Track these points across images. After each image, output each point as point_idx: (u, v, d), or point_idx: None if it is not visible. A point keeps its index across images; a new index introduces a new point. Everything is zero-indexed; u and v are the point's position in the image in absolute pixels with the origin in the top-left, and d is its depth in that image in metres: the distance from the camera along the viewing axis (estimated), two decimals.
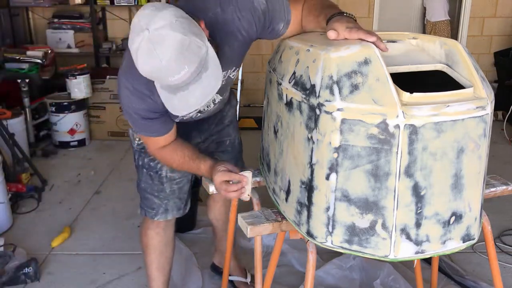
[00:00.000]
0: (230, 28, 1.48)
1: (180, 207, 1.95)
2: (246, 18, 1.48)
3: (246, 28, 1.50)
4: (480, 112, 1.23)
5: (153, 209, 1.91)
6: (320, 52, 1.28)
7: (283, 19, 1.52)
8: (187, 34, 1.24)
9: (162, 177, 1.86)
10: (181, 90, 1.31)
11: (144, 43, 1.23)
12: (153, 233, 1.95)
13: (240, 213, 1.51)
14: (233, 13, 1.47)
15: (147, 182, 1.89)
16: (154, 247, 1.97)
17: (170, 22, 1.23)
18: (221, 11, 1.47)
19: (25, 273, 2.36)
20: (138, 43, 1.24)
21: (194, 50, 1.25)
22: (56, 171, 3.70)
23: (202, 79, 1.30)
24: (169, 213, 1.92)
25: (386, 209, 1.22)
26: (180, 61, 1.24)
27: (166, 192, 1.89)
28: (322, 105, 1.22)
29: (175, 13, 1.27)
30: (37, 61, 3.93)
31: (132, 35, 1.28)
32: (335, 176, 1.23)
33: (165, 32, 1.22)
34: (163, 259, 2.00)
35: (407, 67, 1.33)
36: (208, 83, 1.32)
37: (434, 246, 1.26)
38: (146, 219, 1.96)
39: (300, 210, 1.35)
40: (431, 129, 1.18)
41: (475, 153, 1.25)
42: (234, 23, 1.48)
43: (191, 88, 1.30)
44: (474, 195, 1.29)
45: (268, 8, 1.49)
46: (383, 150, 1.19)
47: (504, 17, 5.01)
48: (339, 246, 1.28)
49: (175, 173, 1.87)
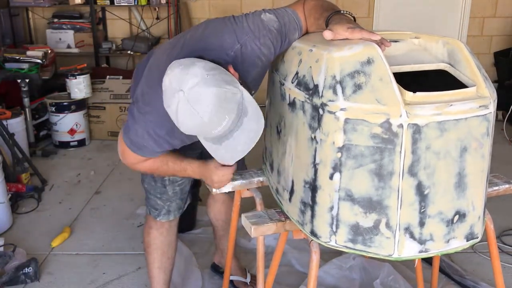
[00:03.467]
0: (250, 59, 1.46)
1: (181, 207, 1.96)
2: (266, 44, 1.46)
3: (265, 53, 1.48)
4: (483, 111, 1.23)
5: (156, 209, 1.92)
6: (322, 52, 1.28)
7: (296, 29, 1.51)
8: (221, 85, 1.24)
9: (164, 180, 1.85)
10: (226, 138, 1.31)
11: (182, 104, 1.23)
12: (156, 233, 1.95)
13: (243, 213, 1.51)
14: (251, 43, 1.45)
15: (150, 183, 1.88)
16: (156, 246, 1.97)
17: (202, 78, 1.23)
18: (240, 47, 1.44)
19: (25, 273, 2.35)
20: (176, 105, 1.25)
21: (230, 99, 1.25)
22: (56, 171, 3.69)
23: (244, 124, 1.30)
24: (171, 214, 1.93)
25: (390, 208, 1.22)
26: (220, 113, 1.24)
27: (168, 195, 1.88)
28: (325, 105, 1.22)
29: (204, 67, 1.26)
30: (37, 61, 3.92)
31: (166, 97, 1.28)
32: (338, 175, 1.23)
33: (200, 89, 1.22)
34: (165, 259, 1.99)
35: (410, 67, 1.33)
36: (251, 128, 1.31)
37: (438, 245, 1.26)
38: (149, 218, 1.96)
39: (303, 210, 1.35)
40: (434, 128, 1.18)
41: (478, 152, 1.25)
42: (254, 53, 1.46)
43: (236, 135, 1.30)
44: (477, 194, 1.29)
45: (281, 25, 1.48)
46: (386, 150, 1.19)
47: (504, 17, 5.01)
48: (343, 246, 1.28)
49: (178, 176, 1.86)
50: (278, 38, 1.48)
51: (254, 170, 1.77)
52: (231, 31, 1.45)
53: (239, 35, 1.45)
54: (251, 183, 1.71)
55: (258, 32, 1.45)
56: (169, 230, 1.96)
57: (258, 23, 1.46)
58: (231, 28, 1.46)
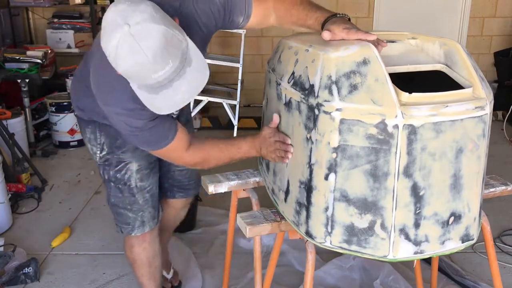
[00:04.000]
0: (188, 21, 1.41)
1: (154, 216, 1.85)
2: (205, 11, 1.44)
3: (204, 21, 1.45)
4: (479, 112, 1.23)
5: (128, 224, 1.81)
6: (319, 52, 1.28)
7: (243, 13, 1.48)
8: (169, 27, 1.19)
9: (132, 188, 1.75)
10: (164, 88, 1.24)
11: (125, 38, 1.16)
12: (139, 249, 1.87)
13: (239, 213, 1.51)
14: (191, 6, 1.42)
15: (117, 196, 1.77)
16: (142, 262, 1.90)
17: (152, 16, 1.18)
18: (179, 5, 1.41)
19: (25, 273, 2.35)
20: (117, 40, 1.16)
21: (176, 44, 1.20)
22: (56, 171, 3.70)
23: (187, 74, 1.24)
24: (146, 225, 1.82)
25: (385, 209, 1.22)
26: (165, 56, 1.18)
27: (139, 204, 1.78)
28: (321, 105, 1.22)
29: (153, 6, 1.21)
30: (37, 61, 3.92)
31: (106, 33, 1.19)
32: (334, 176, 1.23)
33: (148, 25, 1.16)
34: (152, 270, 1.94)
35: (406, 67, 1.33)
36: (194, 77, 1.26)
37: (433, 247, 1.26)
38: (126, 237, 1.87)
39: (299, 210, 1.35)
40: (430, 129, 1.18)
41: (474, 153, 1.25)
42: (193, 17, 1.43)
43: (176, 84, 1.24)
44: (473, 195, 1.29)
45: (226, 1, 1.45)
46: (382, 150, 1.19)
47: (504, 17, 5.00)
48: (338, 246, 1.28)
49: (145, 182, 1.76)
50: (221, 11, 1.45)
51: (250, 171, 1.77)
52: None
53: None
54: (247, 184, 1.71)
55: None
56: (151, 243, 1.88)
57: None
58: None
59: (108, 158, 1.72)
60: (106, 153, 1.72)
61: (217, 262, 2.52)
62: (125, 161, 1.72)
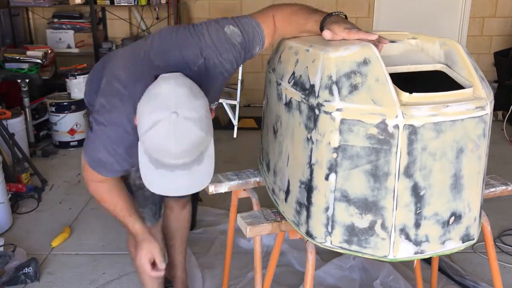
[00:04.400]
0: (213, 73, 1.45)
1: (155, 212, 1.87)
2: (228, 59, 1.45)
3: (228, 68, 1.47)
4: (480, 112, 1.22)
5: None
6: (319, 52, 1.28)
7: (259, 43, 1.50)
8: (207, 133, 1.23)
9: (130, 186, 1.76)
10: (165, 169, 1.25)
11: (166, 124, 1.19)
12: None
13: (239, 213, 1.51)
14: (214, 58, 1.43)
15: None
16: None
17: (200, 119, 1.21)
18: (204, 61, 1.43)
19: (25, 273, 2.35)
20: (158, 118, 1.19)
21: (201, 147, 1.24)
22: (56, 171, 3.70)
23: (192, 171, 1.26)
24: (146, 221, 1.79)
25: (386, 209, 1.22)
26: (187, 154, 1.22)
27: (138, 201, 1.78)
28: (322, 105, 1.22)
29: (206, 107, 1.24)
30: (37, 61, 3.92)
31: (152, 102, 1.22)
32: (334, 176, 1.23)
33: (193, 128, 1.20)
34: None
35: (406, 67, 1.33)
36: (195, 181, 1.28)
37: (433, 247, 1.26)
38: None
39: (299, 210, 1.35)
40: (431, 129, 1.18)
41: (474, 153, 1.25)
42: (217, 69, 1.45)
43: (177, 173, 1.25)
44: (473, 195, 1.29)
45: (244, 39, 1.46)
46: (382, 150, 1.18)
47: (504, 17, 5.01)
48: (338, 246, 1.28)
49: None
50: (242, 53, 1.47)
51: (250, 170, 1.77)
52: (193, 45, 1.43)
53: (202, 49, 1.42)
54: (247, 184, 1.71)
55: (221, 47, 1.44)
56: None
57: (221, 36, 1.44)
58: (192, 41, 1.43)
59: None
60: None
61: (217, 262, 2.52)
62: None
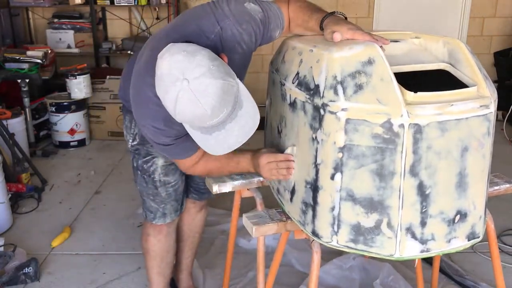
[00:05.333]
0: (230, 43, 1.43)
1: (177, 209, 1.90)
2: (247, 30, 1.44)
3: (246, 40, 1.45)
4: (484, 110, 1.23)
5: (151, 212, 1.87)
6: (323, 52, 1.28)
7: (279, 26, 1.50)
8: (224, 78, 1.21)
9: (155, 181, 1.80)
10: (217, 129, 1.27)
11: (184, 93, 1.19)
12: (154, 240, 1.91)
13: (243, 213, 1.51)
14: (232, 27, 1.42)
15: (142, 184, 1.83)
16: (155, 253, 1.93)
17: (209, 69, 1.19)
18: (221, 29, 1.41)
19: (25, 273, 2.35)
20: (176, 93, 1.19)
21: (230, 91, 1.23)
22: (56, 171, 3.69)
23: (238, 117, 1.27)
24: (167, 216, 1.87)
25: (391, 208, 1.22)
26: (221, 106, 1.21)
27: (162, 196, 1.82)
28: (326, 105, 1.22)
29: (209, 56, 1.22)
30: (37, 61, 3.92)
31: (164, 83, 1.22)
32: (340, 176, 1.23)
33: (207, 80, 1.19)
34: (163, 264, 1.97)
35: (411, 67, 1.33)
36: (245, 121, 1.28)
37: (439, 245, 1.27)
38: (146, 224, 1.92)
39: (305, 210, 1.35)
40: (436, 128, 1.18)
41: (479, 152, 1.25)
42: (235, 38, 1.43)
43: (228, 127, 1.27)
44: (478, 193, 1.29)
45: (265, 16, 1.46)
46: (387, 150, 1.19)
47: (504, 17, 5.01)
48: (344, 246, 1.28)
49: (170, 177, 1.80)
50: (261, 28, 1.46)
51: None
52: (210, 14, 1.42)
53: (219, 18, 1.42)
54: (251, 183, 1.71)
55: (240, 18, 1.43)
56: (167, 236, 1.93)
57: (240, 8, 1.44)
58: (210, 11, 1.43)
59: (138, 148, 1.77)
60: (137, 144, 1.76)
61: (217, 261, 2.52)
62: (152, 154, 1.76)
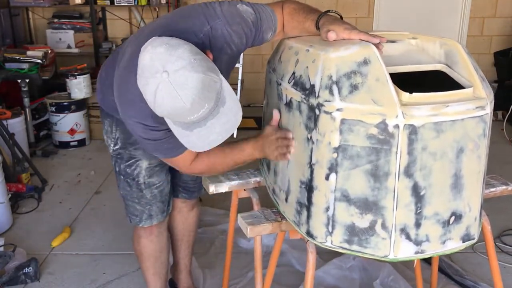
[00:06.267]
0: (219, 43, 1.42)
1: (163, 210, 1.87)
2: (237, 32, 1.43)
3: (236, 42, 1.45)
4: (480, 112, 1.23)
5: (136, 216, 1.84)
6: (319, 52, 1.28)
7: (271, 28, 1.49)
8: (206, 72, 1.20)
9: (140, 184, 1.78)
10: (198, 126, 1.26)
11: (164, 86, 1.17)
12: (146, 241, 1.90)
13: (239, 213, 1.51)
14: (222, 28, 1.41)
15: (126, 189, 1.81)
16: (148, 254, 1.93)
17: (190, 62, 1.18)
18: (210, 29, 1.41)
19: (25, 273, 2.35)
20: (155, 85, 1.18)
21: (212, 87, 1.21)
22: (56, 171, 3.70)
23: (220, 114, 1.26)
24: (153, 218, 1.85)
25: (386, 209, 1.22)
26: (201, 100, 1.20)
27: (147, 198, 1.80)
28: (322, 105, 1.22)
29: (191, 50, 1.21)
30: (37, 61, 3.92)
31: (144, 75, 1.21)
32: (334, 176, 1.23)
33: (187, 73, 1.17)
34: (158, 264, 1.96)
35: (407, 67, 1.33)
36: (228, 119, 1.28)
37: (434, 246, 1.27)
38: (135, 227, 1.91)
39: (300, 210, 1.35)
40: (431, 129, 1.18)
41: (474, 153, 1.25)
42: (224, 38, 1.42)
43: (210, 123, 1.26)
44: (473, 195, 1.29)
45: (257, 18, 1.46)
46: (382, 150, 1.19)
47: (504, 17, 5.01)
48: (338, 246, 1.28)
49: (154, 178, 1.78)
50: (253, 30, 1.45)
51: (251, 170, 1.77)
52: (201, 14, 1.42)
53: (210, 18, 1.41)
54: (248, 183, 1.71)
55: (231, 19, 1.42)
56: (159, 236, 1.91)
57: (232, 10, 1.44)
58: (201, 11, 1.43)
59: (120, 152, 1.76)
60: (119, 148, 1.75)
61: (217, 261, 2.52)
62: (136, 157, 1.74)
